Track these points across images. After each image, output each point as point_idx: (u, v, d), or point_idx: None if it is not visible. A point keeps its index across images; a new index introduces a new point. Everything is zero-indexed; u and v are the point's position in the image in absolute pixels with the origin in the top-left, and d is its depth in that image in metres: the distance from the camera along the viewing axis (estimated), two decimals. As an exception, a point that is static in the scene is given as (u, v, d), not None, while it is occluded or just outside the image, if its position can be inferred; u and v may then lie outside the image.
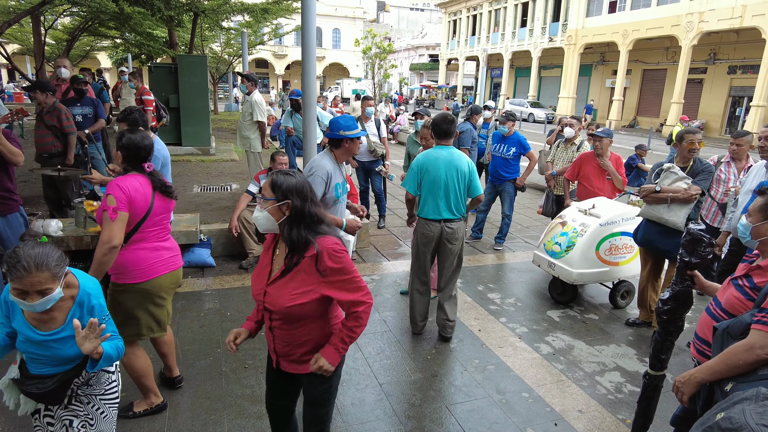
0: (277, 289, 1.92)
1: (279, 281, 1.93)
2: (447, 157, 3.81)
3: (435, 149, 3.91)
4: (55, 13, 13.68)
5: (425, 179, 3.83)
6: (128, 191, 2.56)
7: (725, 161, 4.82)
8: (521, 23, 35.45)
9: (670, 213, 3.86)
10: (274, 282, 1.94)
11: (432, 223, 3.87)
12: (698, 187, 3.78)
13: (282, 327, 1.98)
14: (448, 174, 3.79)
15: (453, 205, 3.84)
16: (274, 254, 2.03)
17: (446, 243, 3.89)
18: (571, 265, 4.48)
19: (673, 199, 3.84)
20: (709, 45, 24.07)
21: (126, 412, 2.87)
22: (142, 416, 2.91)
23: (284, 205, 1.90)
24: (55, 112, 5.29)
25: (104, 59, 36.04)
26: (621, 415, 3.18)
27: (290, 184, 1.91)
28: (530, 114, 30.61)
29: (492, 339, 4.08)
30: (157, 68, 10.39)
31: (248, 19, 17.31)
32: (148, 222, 2.68)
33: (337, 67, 53.80)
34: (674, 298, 2.33)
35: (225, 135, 14.71)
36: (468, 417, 3.09)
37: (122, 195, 2.53)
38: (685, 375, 1.99)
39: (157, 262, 2.75)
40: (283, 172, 1.96)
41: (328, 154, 3.33)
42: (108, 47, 23.44)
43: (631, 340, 4.22)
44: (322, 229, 1.94)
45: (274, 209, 1.91)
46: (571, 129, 6.07)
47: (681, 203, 3.83)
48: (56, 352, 1.88)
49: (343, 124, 3.26)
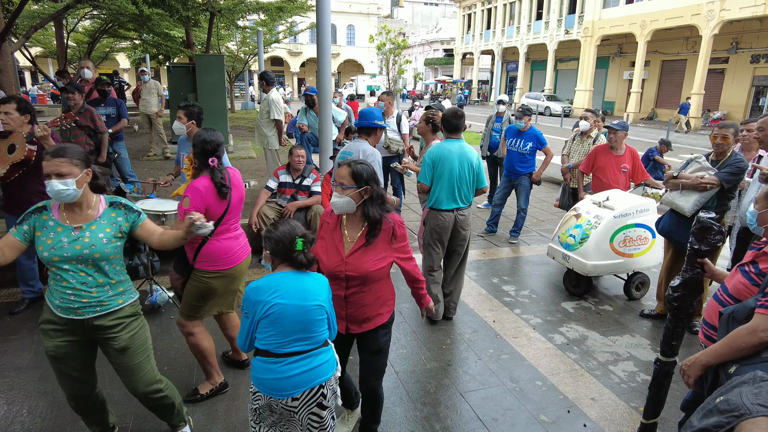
0: (358, 259, 2.30)
1: (358, 252, 2.31)
2: (459, 150, 3.97)
3: (447, 142, 4.05)
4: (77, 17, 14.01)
5: (438, 171, 3.95)
6: (205, 195, 2.76)
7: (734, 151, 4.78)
8: (537, 16, 35.08)
9: (681, 198, 3.93)
10: (353, 253, 2.31)
11: (446, 213, 4.03)
12: (715, 178, 3.78)
13: (358, 291, 2.35)
14: (461, 166, 3.96)
15: (464, 195, 4.05)
16: (343, 232, 2.37)
17: (460, 230, 4.09)
18: (586, 257, 4.51)
19: (685, 185, 3.88)
20: (731, 34, 23.56)
21: (193, 396, 3.10)
22: (208, 398, 3.12)
23: (364, 191, 2.26)
24: (87, 113, 5.55)
25: (123, 60, 36.68)
26: (634, 403, 3.23)
27: (369, 173, 2.28)
28: (547, 107, 30.33)
29: (506, 330, 4.15)
30: (175, 68, 10.61)
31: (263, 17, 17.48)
32: (229, 215, 2.90)
33: (352, 64, 53.90)
34: (684, 285, 2.37)
35: (242, 133, 14.93)
36: (482, 404, 3.17)
37: (198, 198, 2.74)
38: (691, 358, 2.05)
39: (240, 249, 3.01)
40: (358, 162, 2.30)
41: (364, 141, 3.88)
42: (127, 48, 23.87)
43: (645, 330, 4.25)
44: (388, 207, 2.35)
45: (356, 194, 2.26)
46: (586, 122, 6.07)
47: (692, 190, 3.86)
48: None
49: (376, 115, 3.94)
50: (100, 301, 2.26)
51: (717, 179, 3.78)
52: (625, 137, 5.21)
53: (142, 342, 2.47)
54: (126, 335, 2.36)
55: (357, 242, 2.32)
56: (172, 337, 3.83)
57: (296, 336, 1.98)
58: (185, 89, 10.31)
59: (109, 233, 2.27)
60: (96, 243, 2.22)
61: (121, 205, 2.35)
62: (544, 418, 3.05)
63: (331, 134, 6.16)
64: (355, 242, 2.33)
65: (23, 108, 3.73)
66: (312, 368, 2.02)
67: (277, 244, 1.99)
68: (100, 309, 2.27)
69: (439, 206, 4.02)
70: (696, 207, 3.85)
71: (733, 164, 3.81)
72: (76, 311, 2.23)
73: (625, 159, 5.23)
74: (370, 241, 2.30)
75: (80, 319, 2.25)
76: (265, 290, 1.97)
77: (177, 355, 3.59)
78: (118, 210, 2.33)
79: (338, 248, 2.34)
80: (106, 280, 2.28)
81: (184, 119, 3.97)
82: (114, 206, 2.34)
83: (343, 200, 2.26)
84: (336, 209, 2.31)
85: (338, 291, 2.34)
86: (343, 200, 2.26)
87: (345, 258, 2.31)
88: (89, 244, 2.19)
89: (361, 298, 2.36)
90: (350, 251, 2.31)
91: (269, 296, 1.95)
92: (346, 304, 2.37)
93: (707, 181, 3.79)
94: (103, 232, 2.25)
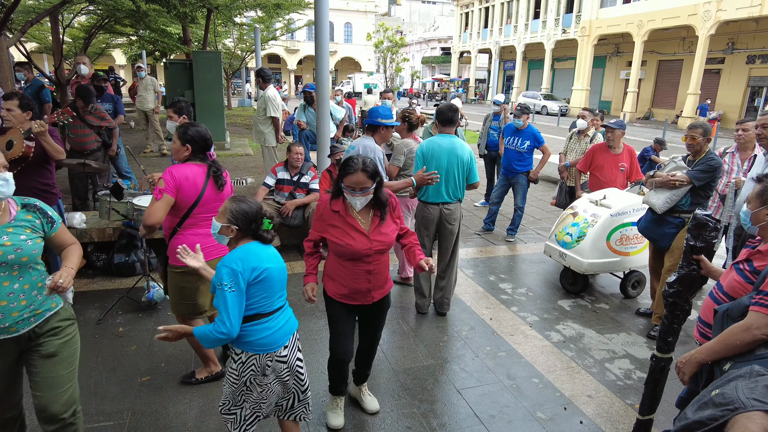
0: (379, 234, 2.61)
1: (377, 229, 2.62)
2: (449, 145, 4.03)
3: (438, 137, 4.12)
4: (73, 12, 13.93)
5: (428, 166, 4.00)
6: (178, 179, 2.76)
7: (730, 152, 4.81)
8: (534, 15, 35.14)
9: (654, 196, 4.00)
10: (373, 231, 2.60)
11: (431, 206, 4.14)
12: (685, 175, 3.82)
13: (379, 261, 2.68)
14: (449, 162, 4.04)
15: (451, 190, 4.12)
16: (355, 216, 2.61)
17: (446, 224, 4.15)
18: (582, 255, 4.54)
19: (657, 183, 3.96)
20: (727, 34, 23.67)
21: (189, 378, 3.22)
22: (203, 383, 3.21)
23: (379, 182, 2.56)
24: (98, 113, 5.71)
25: (119, 56, 36.52)
26: (630, 400, 3.25)
27: (374, 164, 2.54)
28: (544, 106, 30.40)
29: (503, 327, 4.17)
30: (172, 64, 10.58)
31: (261, 14, 17.44)
32: (199, 209, 2.86)
33: (349, 62, 53.83)
34: (680, 281, 2.39)
35: (239, 130, 14.90)
36: (479, 401, 3.19)
37: (171, 181, 2.75)
38: (686, 356, 2.07)
39: (209, 247, 2.91)
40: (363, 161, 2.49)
41: (370, 137, 4.02)
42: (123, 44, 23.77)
43: (641, 328, 4.27)
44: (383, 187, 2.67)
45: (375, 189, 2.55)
46: (583, 121, 6.10)
47: (663, 188, 3.92)
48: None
49: (381, 113, 4.04)
50: (33, 311, 2.07)
51: (687, 177, 3.81)
52: (623, 136, 5.23)
53: (72, 353, 2.23)
54: (57, 341, 2.15)
55: (373, 221, 2.62)
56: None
57: (279, 293, 2.24)
58: (182, 86, 10.29)
59: (30, 234, 2.09)
60: (21, 246, 2.02)
61: (35, 207, 2.17)
62: (541, 415, 3.07)
63: (329, 131, 6.16)
64: (370, 221, 2.62)
65: (25, 105, 3.71)
66: (289, 316, 2.32)
67: (249, 222, 2.14)
68: (34, 320, 2.08)
69: (427, 199, 4.16)
70: (667, 204, 3.90)
71: (704, 162, 3.84)
72: (8, 330, 2.01)
73: (623, 158, 5.26)
74: (384, 217, 2.63)
75: (14, 337, 2.04)
76: (250, 259, 2.09)
77: (174, 351, 3.59)
78: (33, 213, 2.14)
79: (360, 230, 2.59)
80: (33, 283, 2.08)
81: (175, 117, 3.93)
82: (27, 209, 2.14)
83: (366, 198, 2.54)
84: (359, 207, 2.58)
85: (366, 267, 2.63)
86: (366, 198, 2.54)
87: (370, 236, 2.59)
88: (13, 248, 1.99)
89: (380, 267, 2.70)
90: (370, 230, 2.60)
91: (258, 262, 2.11)
92: (372, 276, 2.66)
93: (676, 178, 3.83)
94: (24, 233, 2.06)
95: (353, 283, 2.66)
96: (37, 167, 3.79)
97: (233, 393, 2.20)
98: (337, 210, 2.61)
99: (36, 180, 3.80)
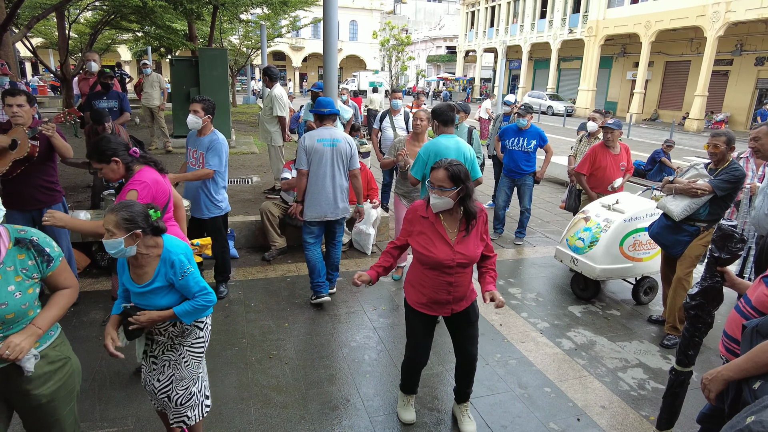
0: (464, 246, 2.58)
1: (463, 241, 2.58)
2: (453, 145, 3.99)
3: (441, 137, 4.07)
4: (79, 8, 13.88)
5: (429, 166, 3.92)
6: (151, 185, 2.67)
7: (744, 157, 4.73)
8: (540, 14, 34.92)
9: (672, 202, 3.89)
10: (459, 243, 2.57)
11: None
12: (708, 184, 3.71)
13: (463, 274, 2.63)
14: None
15: None
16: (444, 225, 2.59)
17: None
18: (595, 260, 4.46)
19: (677, 189, 3.85)
20: (736, 36, 23.45)
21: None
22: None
23: (461, 189, 2.51)
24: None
25: (124, 52, 36.47)
26: (644, 412, 3.17)
27: (464, 172, 2.52)
28: (549, 107, 30.23)
29: (513, 334, 4.09)
30: (178, 62, 10.51)
31: (267, 11, 17.36)
32: (170, 205, 2.82)
33: (354, 60, 53.67)
34: (703, 294, 2.31)
35: (244, 128, 14.84)
36: (491, 410, 3.12)
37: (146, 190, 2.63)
38: (713, 372, 1.99)
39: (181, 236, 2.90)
40: (453, 164, 2.51)
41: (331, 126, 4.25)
42: (129, 40, 23.71)
43: (653, 336, 4.19)
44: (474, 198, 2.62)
45: (455, 194, 2.50)
46: (594, 123, 6.01)
47: (683, 195, 3.83)
48: (151, 301, 2.19)
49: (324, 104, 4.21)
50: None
51: (709, 186, 3.71)
52: (620, 135, 5.22)
53: (69, 392, 2.01)
54: (47, 390, 1.89)
55: (459, 233, 2.59)
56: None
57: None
58: (188, 83, 10.23)
59: (21, 283, 1.78)
60: (7, 300, 1.73)
61: (31, 244, 1.83)
62: (554, 426, 3.00)
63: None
64: (457, 233, 2.59)
65: (31, 99, 3.66)
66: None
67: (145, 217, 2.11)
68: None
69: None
70: (685, 212, 3.81)
71: (728, 172, 3.72)
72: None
73: (622, 157, 5.27)
74: (470, 230, 2.59)
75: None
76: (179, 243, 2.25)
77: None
78: (27, 251, 1.82)
79: (446, 239, 2.57)
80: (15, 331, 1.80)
81: (201, 113, 3.88)
82: (21, 245, 1.82)
83: (443, 201, 2.51)
84: (435, 209, 2.56)
85: (446, 278, 2.60)
86: (442, 201, 2.52)
87: (454, 247, 2.56)
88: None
89: (462, 280, 2.65)
90: (456, 241, 2.58)
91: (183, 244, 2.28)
92: (453, 288, 2.63)
93: (698, 186, 3.73)
94: (12, 283, 1.76)
95: (433, 294, 2.65)
96: (41, 165, 3.74)
97: (195, 367, 2.37)
98: (426, 216, 2.61)
99: (40, 178, 3.75)
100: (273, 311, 4.27)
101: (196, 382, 2.40)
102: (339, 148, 4.16)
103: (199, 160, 4.04)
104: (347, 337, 3.91)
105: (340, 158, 4.18)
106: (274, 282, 4.82)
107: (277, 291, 4.65)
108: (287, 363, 3.51)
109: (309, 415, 2.99)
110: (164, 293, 2.19)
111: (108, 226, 2.01)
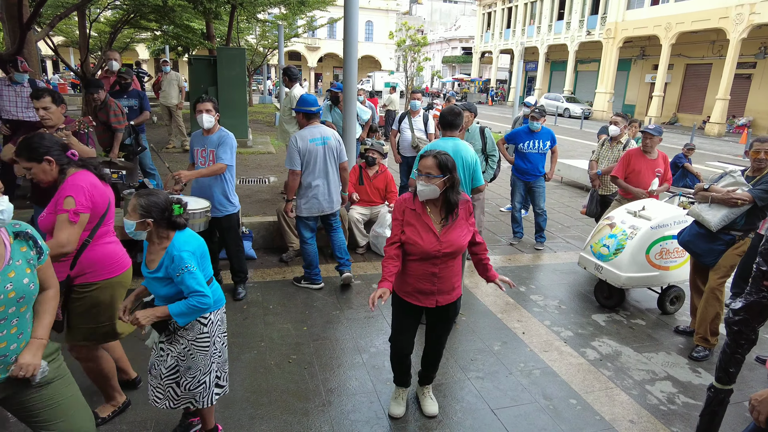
0: (449, 236, 2.61)
1: (448, 230, 2.61)
2: (453, 148, 3.89)
3: (442, 140, 3.99)
4: (100, 7, 14.02)
5: None
6: (90, 191, 2.48)
7: None
8: (558, 16, 34.59)
9: (708, 212, 3.74)
10: (445, 233, 2.60)
11: None
12: (748, 194, 3.57)
13: (448, 265, 2.66)
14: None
15: None
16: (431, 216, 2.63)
17: None
18: (620, 268, 4.34)
19: (714, 198, 3.70)
20: (760, 38, 22.96)
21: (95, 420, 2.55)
22: (112, 419, 2.80)
23: (447, 179, 2.55)
24: (105, 108, 5.46)
25: (142, 51, 36.88)
26: (675, 428, 3.06)
27: (452, 163, 2.57)
28: (566, 109, 29.90)
29: (536, 342, 3.99)
30: (197, 61, 10.54)
31: (284, 11, 17.38)
32: (110, 212, 2.64)
33: (369, 60, 53.67)
34: (747, 309, 2.21)
35: (261, 127, 14.88)
36: (515, 422, 3.03)
37: (84, 196, 2.44)
38: (762, 393, 1.89)
39: (124, 254, 2.74)
40: (442, 153, 2.57)
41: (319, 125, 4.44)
42: (147, 39, 23.94)
43: (681, 348, 4.06)
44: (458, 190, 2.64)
45: (441, 182, 2.54)
46: (616, 127, 5.87)
47: (721, 205, 3.68)
48: (153, 288, 2.34)
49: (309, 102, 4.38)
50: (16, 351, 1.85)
51: (750, 195, 3.55)
52: (660, 142, 5.06)
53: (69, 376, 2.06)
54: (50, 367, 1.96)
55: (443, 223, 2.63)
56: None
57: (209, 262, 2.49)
58: (206, 82, 10.25)
59: (31, 273, 1.85)
60: (24, 293, 1.81)
61: (28, 236, 1.88)
62: (582, 441, 2.90)
63: (355, 131, 6.04)
64: (441, 223, 2.63)
65: (57, 99, 3.63)
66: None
67: (162, 211, 2.24)
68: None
69: None
70: (723, 222, 3.67)
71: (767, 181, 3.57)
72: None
73: (659, 163, 5.10)
74: (449, 221, 2.62)
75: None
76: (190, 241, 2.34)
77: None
78: (27, 243, 1.88)
79: (432, 230, 2.60)
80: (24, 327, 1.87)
81: (213, 111, 3.93)
82: (20, 238, 1.87)
83: (429, 188, 2.54)
84: (422, 196, 2.60)
85: (431, 269, 2.64)
86: (429, 188, 2.54)
87: (440, 237, 2.59)
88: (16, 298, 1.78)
89: (449, 271, 2.68)
90: (441, 231, 2.61)
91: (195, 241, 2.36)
92: (438, 279, 2.66)
93: (738, 196, 3.58)
94: (25, 275, 1.82)
95: (417, 283, 2.69)
96: None
97: (204, 359, 2.41)
98: (414, 208, 2.65)
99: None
100: (291, 314, 4.22)
101: (207, 375, 2.45)
102: (330, 145, 4.45)
103: (208, 158, 4.05)
104: (366, 343, 3.84)
105: (332, 154, 4.47)
106: (292, 284, 4.78)
107: (295, 293, 4.61)
108: (306, 368, 3.45)
109: (329, 425, 2.92)
110: (164, 284, 2.30)
111: (128, 207, 2.24)
